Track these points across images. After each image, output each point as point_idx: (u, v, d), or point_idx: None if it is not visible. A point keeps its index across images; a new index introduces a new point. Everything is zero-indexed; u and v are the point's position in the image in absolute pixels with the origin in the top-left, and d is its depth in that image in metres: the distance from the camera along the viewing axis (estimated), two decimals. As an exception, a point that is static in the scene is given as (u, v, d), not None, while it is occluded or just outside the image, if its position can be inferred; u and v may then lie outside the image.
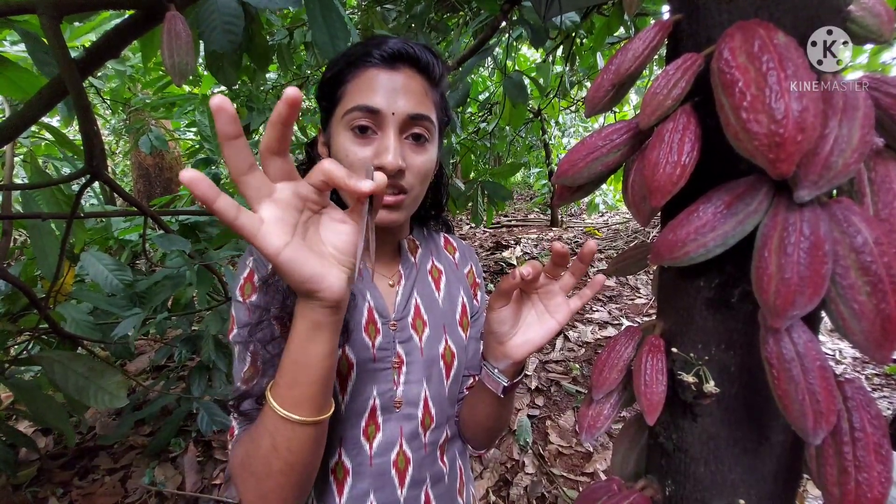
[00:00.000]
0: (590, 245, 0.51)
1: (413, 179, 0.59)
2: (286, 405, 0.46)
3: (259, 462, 0.49)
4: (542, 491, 1.79)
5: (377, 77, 0.58)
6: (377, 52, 0.58)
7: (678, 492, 0.37)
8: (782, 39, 0.25)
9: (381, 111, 0.56)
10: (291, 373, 0.46)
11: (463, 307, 0.73)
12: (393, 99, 0.57)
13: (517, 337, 0.56)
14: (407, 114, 0.57)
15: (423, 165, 0.60)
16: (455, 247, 0.79)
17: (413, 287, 0.69)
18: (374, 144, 0.57)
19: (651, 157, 0.30)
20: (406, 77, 0.59)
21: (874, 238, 0.26)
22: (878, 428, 0.28)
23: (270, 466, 0.48)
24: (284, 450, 0.47)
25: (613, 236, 5.49)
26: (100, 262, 1.57)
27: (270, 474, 0.49)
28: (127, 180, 5.59)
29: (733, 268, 0.32)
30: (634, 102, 4.44)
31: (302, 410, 0.46)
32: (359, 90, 0.58)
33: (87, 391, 0.96)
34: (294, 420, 0.46)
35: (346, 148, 0.58)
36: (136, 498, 1.76)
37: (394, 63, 0.58)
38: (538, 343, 0.56)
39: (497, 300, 0.55)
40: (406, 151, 0.58)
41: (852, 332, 0.27)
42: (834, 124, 0.25)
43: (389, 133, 0.57)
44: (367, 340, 0.63)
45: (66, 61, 0.66)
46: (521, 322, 0.57)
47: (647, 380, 0.35)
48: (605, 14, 2.01)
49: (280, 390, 0.47)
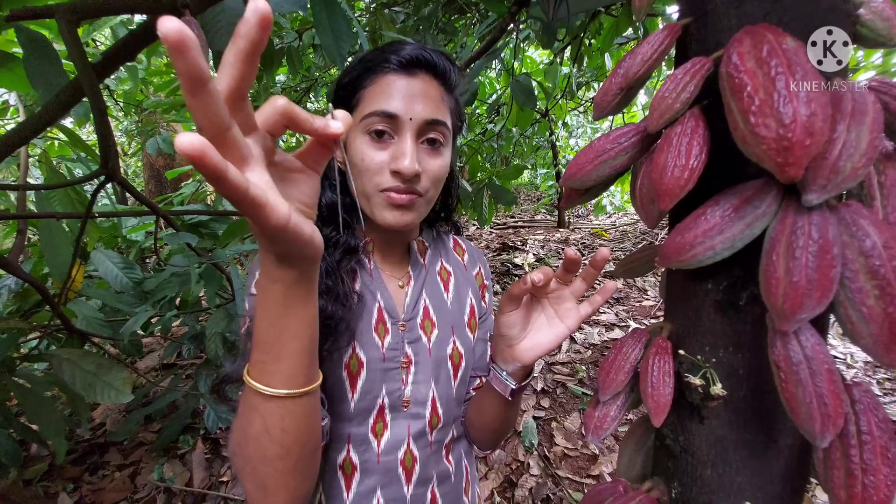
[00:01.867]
0: (602, 252, 0.52)
1: (428, 183, 0.60)
2: (273, 382, 0.42)
3: (252, 447, 0.45)
4: (547, 493, 1.78)
5: (395, 82, 0.58)
6: (395, 57, 0.59)
7: (685, 494, 0.37)
8: (791, 44, 0.25)
9: (399, 116, 0.57)
10: (275, 346, 0.42)
11: (471, 309, 0.73)
12: (410, 104, 0.57)
13: (526, 341, 0.57)
14: (424, 119, 0.58)
15: (438, 170, 0.61)
16: (464, 248, 0.80)
17: (422, 288, 0.70)
18: (391, 149, 0.58)
19: (659, 160, 0.30)
20: (423, 83, 0.59)
21: (883, 242, 0.26)
22: (885, 431, 0.28)
23: (265, 451, 0.45)
24: (278, 430, 0.44)
25: (621, 238, 5.46)
26: (109, 259, 1.60)
27: (266, 459, 0.45)
28: (138, 181, 5.66)
29: (741, 270, 0.32)
30: (644, 103, 4.41)
31: (293, 383, 0.43)
32: (376, 95, 0.58)
33: (94, 387, 0.98)
34: (283, 395, 0.43)
35: (362, 152, 0.58)
36: (145, 494, 1.78)
37: (411, 69, 0.59)
38: (547, 347, 0.56)
39: (507, 304, 0.56)
40: (422, 156, 0.59)
41: (861, 335, 0.27)
42: (842, 128, 0.25)
43: (406, 138, 0.57)
44: (376, 340, 0.63)
45: (84, 65, 0.68)
46: (530, 326, 0.57)
47: (654, 381, 0.35)
48: (614, 15, 2.00)
49: (265, 367, 0.42)
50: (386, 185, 0.58)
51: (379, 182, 0.58)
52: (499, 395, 0.62)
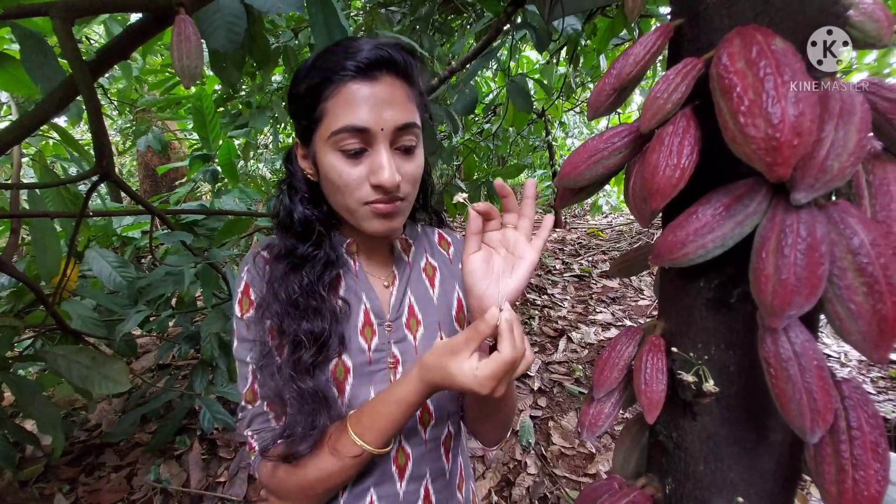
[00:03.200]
0: (529, 183, 0.57)
1: (408, 187, 0.60)
2: (380, 446, 0.57)
3: (334, 485, 0.59)
4: (544, 492, 1.79)
5: (358, 92, 0.56)
6: (352, 63, 0.56)
7: (678, 490, 0.37)
8: (780, 45, 0.25)
9: (370, 129, 0.55)
10: (395, 425, 0.56)
11: (459, 302, 0.73)
12: (379, 113, 0.55)
13: (492, 287, 0.56)
14: (395, 126, 0.56)
15: (414, 171, 0.60)
16: (450, 242, 0.79)
17: (406, 286, 0.69)
18: (366, 162, 0.57)
19: (651, 159, 0.30)
20: (387, 86, 0.57)
21: (871, 240, 0.26)
22: (875, 427, 0.28)
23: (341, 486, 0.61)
24: (356, 473, 0.60)
25: (617, 238, 5.48)
26: (104, 258, 1.59)
27: (336, 489, 0.61)
28: (133, 180, 5.63)
29: (733, 269, 0.33)
30: (639, 103, 4.43)
31: (389, 444, 0.58)
32: (341, 108, 0.56)
33: (90, 379, 0.98)
34: (382, 453, 0.58)
35: (338, 169, 0.57)
36: (142, 495, 1.77)
37: (372, 73, 0.56)
38: (515, 287, 0.55)
39: (469, 245, 0.56)
40: (398, 162, 0.58)
41: (849, 332, 0.27)
42: (830, 128, 0.26)
43: (381, 149, 0.56)
44: (363, 344, 0.63)
45: (79, 63, 0.68)
46: (493, 273, 0.57)
47: (648, 379, 0.35)
48: (609, 16, 2.01)
49: (376, 437, 0.56)
50: (369, 199, 0.57)
51: (361, 196, 0.58)
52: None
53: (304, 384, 0.57)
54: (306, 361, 0.58)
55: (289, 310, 0.59)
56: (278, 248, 0.64)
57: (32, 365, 1.82)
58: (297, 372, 0.57)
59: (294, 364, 0.58)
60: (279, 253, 0.63)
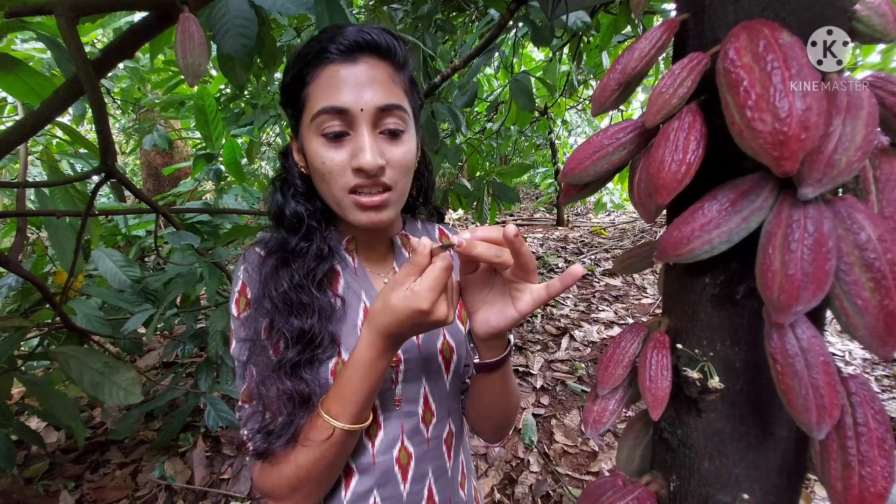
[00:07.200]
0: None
1: (395, 174, 0.57)
2: (351, 419, 0.54)
3: (316, 474, 0.56)
4: (547, 489, 1.79)
5: (338, 73, 0.54)
6: (333, 46, 0.55)
7: (683, 487, 0.37)
8: (787, 39, 0.25)
9: (349, 109, 0.54)
10: (360, 391, 0.53)
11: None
12: (359, 93, 0.54)
13: (481, 312, 0.55)
14: (376, 106, 0.54)
15: (402, 158, 0.58)
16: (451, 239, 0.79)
17: None
18: (349, 145, 0.55)
19: (656, 155, 0.30)
20: (369, 67, 0.55)
21: (878, 235, 0.26)
22: (881, 423, 0.28)
23: (331, 474, 0.58)
24: (341, 457, 0.57)
25: (620, 235, 5.47)
26: (109, 258, 1.60)
27: (327, 479, 0.58)
28: (137, 179, 5.65)
29: (738, 264, 0.32)
30: (642, 100, 4.41)
31: (362, 418, 0.56)
32: (322, 91, 0.55)
33: (101, 387, 0.97)
34: (355, 429, 0.55)
35: (321, 155, 0.56)
36: (147, 492, 1.79)
37: (353, 54, 0.55)
38: (495, 327, 0.54)
39: (463, 267, 0.54)
40: (383, 146, 0.56)
41: (856, 328, 0.27)
42: (838, 123, 0.25)
43: (362, 131, 0.54)
44: None
45: (83, 62, 0.68)
46: (483, 300, 0.55)
47: (652, 375, 0.35)
48: (612, 12, 2.00)
49: (344, 408, 0.53)
50: (352, 185, 0.56)
51: (344, 183, 0.56)
52: (483, 375, 0.62)
53: (283, 384, 0.56)
54: (291, 359, 0.57)
55: (278, 305, 0.58)
56: (272, 244, 0.63)
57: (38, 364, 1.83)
58: (280, 371, 0.56)
59: (277, 362, 0.57)
60: (272, 248, 0.63)
